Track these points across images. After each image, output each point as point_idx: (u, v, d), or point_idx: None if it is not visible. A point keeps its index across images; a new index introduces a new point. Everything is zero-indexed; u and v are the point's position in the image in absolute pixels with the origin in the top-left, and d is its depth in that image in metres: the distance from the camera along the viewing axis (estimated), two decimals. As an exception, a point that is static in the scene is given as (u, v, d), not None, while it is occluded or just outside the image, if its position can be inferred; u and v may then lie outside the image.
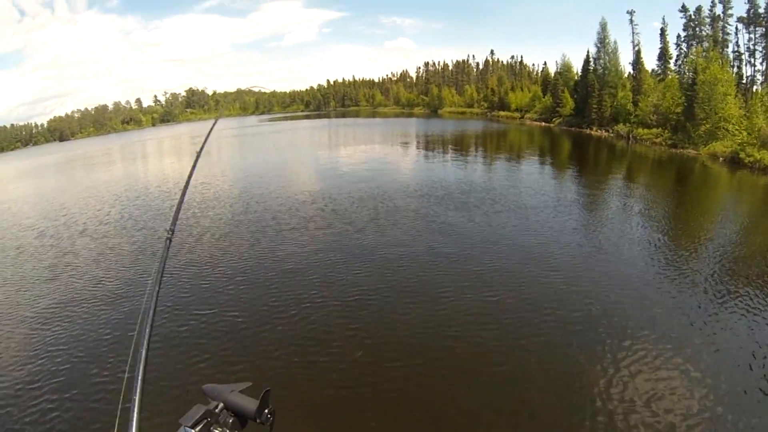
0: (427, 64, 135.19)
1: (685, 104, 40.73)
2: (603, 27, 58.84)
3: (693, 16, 48.67)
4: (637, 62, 54.72)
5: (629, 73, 56.87)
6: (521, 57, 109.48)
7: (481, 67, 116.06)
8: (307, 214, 22.12)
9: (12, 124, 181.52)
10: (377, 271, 14.55)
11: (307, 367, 9.77)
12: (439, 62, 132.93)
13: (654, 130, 44.19)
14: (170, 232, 3.20)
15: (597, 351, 9.42)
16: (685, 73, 47.38)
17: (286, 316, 12.04)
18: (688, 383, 8.43)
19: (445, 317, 11.30)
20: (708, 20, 47.87)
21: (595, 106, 55.26)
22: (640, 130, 45.99)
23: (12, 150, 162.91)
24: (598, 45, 59.13)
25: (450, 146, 48.08)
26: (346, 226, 19.47)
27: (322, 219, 20.91)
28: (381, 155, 43.90)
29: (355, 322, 11.53)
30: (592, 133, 53.97)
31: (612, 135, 50.70)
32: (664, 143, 41.45)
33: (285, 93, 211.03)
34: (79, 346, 11.26)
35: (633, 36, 55.96)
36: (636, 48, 55.36)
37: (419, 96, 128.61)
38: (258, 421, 1.98)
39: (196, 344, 11.18)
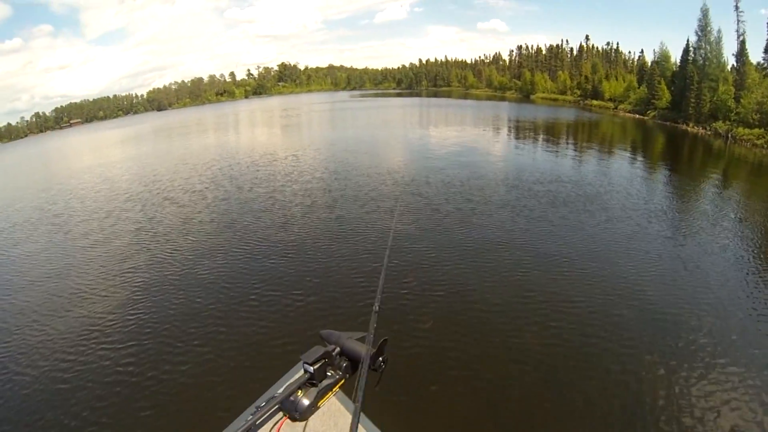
0: (520, 48, 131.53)
1: (793, 104, 37.30)
2: (704, 13, 54.02)
3: (808, 8, 44.19)
4: (741, 54, 50.28)
5: (732, 65, 51.89)
6: (617, 44, 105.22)
7: (575, 53, 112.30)
8: (394, 192, 23.42)
9: (115, 95, 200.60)
10: (458, 258, 15.02)
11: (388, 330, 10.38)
12: (532, 46, 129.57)
13: (756, 130, 40.81)
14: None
15: (677, 379, 8.92)
16: (795, 69, 43.33)
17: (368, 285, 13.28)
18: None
19: (517, 313, 11.53)
20: (825, 11, 43.63)
21: (692, 100, 51.42)
22: (740, 129, 42.69)
23: (114, 118, 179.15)
24: (699, 33, 54.50)
25: (541, 134, 47.06)
26: (434, 211, 19.98)
27: (409, 203, 21.46)
28: (472, 138, 44.04)
29: (432, 300, 12.37)
30: (688, 129, 50.42)
31: (709, 133, 47.19)
32: (766, 146, 38.23)
33: (377, 70, 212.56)
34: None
35: (738, 24, 51.61)
36: (740, 38, 50.97)
37: (511, 80, 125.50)
38: (371, 367, 2.10)
39: (314, 293, 13.05)
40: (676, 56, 62.91)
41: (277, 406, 2.02)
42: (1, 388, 10.09)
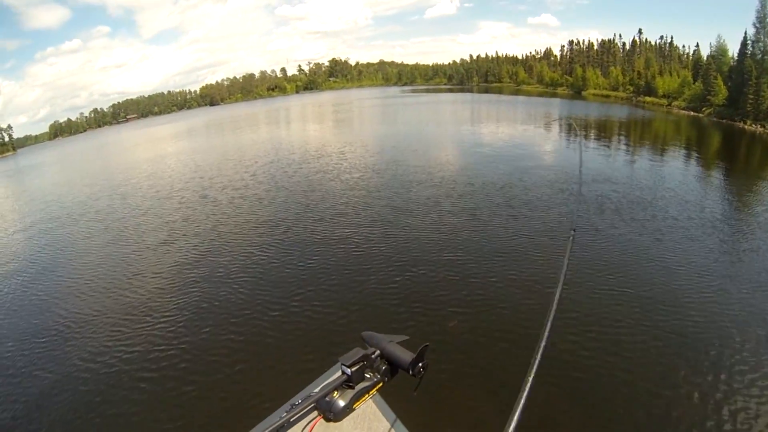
0: (571, 43, 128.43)
1: None
2: (763, 4, 51.91)
3: None
4: (803, 47, 46.74)
5: None
6: (671, 38, 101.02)
7: (627, 47, 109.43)
8: (437, 194, 22.88)
9: (169, 91, 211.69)
10: (491, 263, 14.72)
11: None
12: (583, 41, 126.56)
13: None
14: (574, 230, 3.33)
15: (712, 415, 8.21)
16: None
17: (403, 282, 13.72)
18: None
19: (560, 324, 11.06)
20: None
21: (751, 96, 49.58)
22: None
23: (168, 113, 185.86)
24: (757, 25, 52.56)
25: (593, 132, 45.60)
26: (471, 216, 19.48)
27: (453, 200, 21.54)
28: (522, 137, 43.01)
29: (462, 302, 12.39)
30: (746, 127, 48.41)
31: None
32: (829, 146, 35.61)
33: (427, 66, 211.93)
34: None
35: (799, 14, 47.75)
36: (802, 29, 47.33)
37: (563, 76, 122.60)
38: (411, 372, 2.08)
39: (355, 296, 13.11)
40: (733, 50, 60.51)
41: (312, 405, 2.04)
42: (28, 388, 10.52)
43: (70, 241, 21.83)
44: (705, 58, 68.60)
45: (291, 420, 1.95)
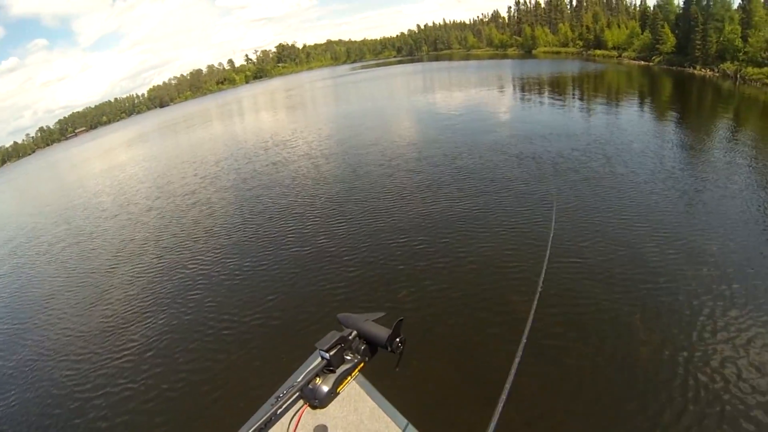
0: (518, 3, 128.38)
1: (803, 40, 35.84)
2: None
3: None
4: (746, -9, 47.20)
5: (739, 3, 48.83)
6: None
7: (574, 3, 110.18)
8: (392, 169, 22.77)
9: (116, 98, 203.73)
10: (453, 229, 14.75)
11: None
12: (530, 0, 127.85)
13: (765, 69, 39.09)
14: None
15: (675, 346, 8.51)
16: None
17: (370, 262, 13.65)
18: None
19: (508, 281, 11.29)
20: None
21: (698, 42, 49.61)
22: (749, 69, 41.08)
23: (117, 121, 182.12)
24: None
25: (546, 90, 45.54)
26: (439, 186, 19.26)
27: (415, 178, 20.81)
28: (474, 102, 41.96)
29: (421, 271, 12.53)
30: (695, 72, 49.03)
31: (717, 75, 45.72)
32: (776, 84, 36.03)
33: (375, 40, 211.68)
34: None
35: (742, -42, 47.90)
36: (744, -26, 47.57)
37: (512, 36, 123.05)
38: (389, 349, 2.05)
39: (331, 279, 13.00)
40: (679, -2, 60.38)
41: (296, 395, 1.98)
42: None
43: (15, 281, 20.15)
44: (652, 8, 68.94)
45: (278, 412, 1.92)
